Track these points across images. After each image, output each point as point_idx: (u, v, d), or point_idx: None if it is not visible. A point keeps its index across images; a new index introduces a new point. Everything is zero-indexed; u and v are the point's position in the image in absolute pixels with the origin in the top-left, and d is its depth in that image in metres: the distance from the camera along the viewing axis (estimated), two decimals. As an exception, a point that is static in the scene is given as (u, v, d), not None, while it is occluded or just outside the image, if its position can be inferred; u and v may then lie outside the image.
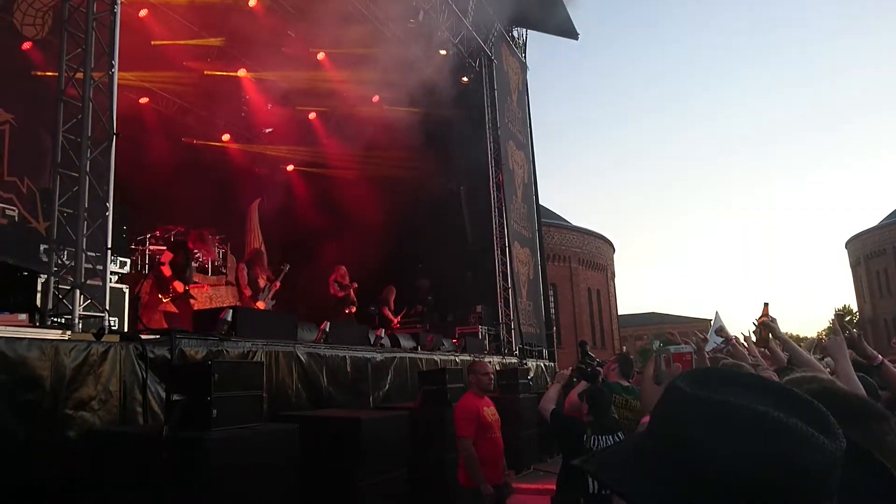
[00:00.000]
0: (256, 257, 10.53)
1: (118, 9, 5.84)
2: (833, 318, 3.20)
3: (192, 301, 9.17)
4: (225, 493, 3.98)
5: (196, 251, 9.33)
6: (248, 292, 9.72)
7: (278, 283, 10.24)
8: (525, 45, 17.70)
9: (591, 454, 0.77)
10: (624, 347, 43.65)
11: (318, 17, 10.74)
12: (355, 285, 11.65)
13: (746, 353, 3.57)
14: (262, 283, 10.03)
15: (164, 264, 8.44)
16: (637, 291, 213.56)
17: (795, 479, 0.65)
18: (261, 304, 9.61)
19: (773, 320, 3.48)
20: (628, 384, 4.89)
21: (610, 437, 4.08)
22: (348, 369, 7.42)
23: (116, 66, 5.75)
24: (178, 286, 8.58)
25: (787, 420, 0.67)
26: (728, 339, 4.00)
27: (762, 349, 3.85)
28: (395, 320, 12.33)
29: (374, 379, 7.87)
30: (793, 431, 0.67)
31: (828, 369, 2.77)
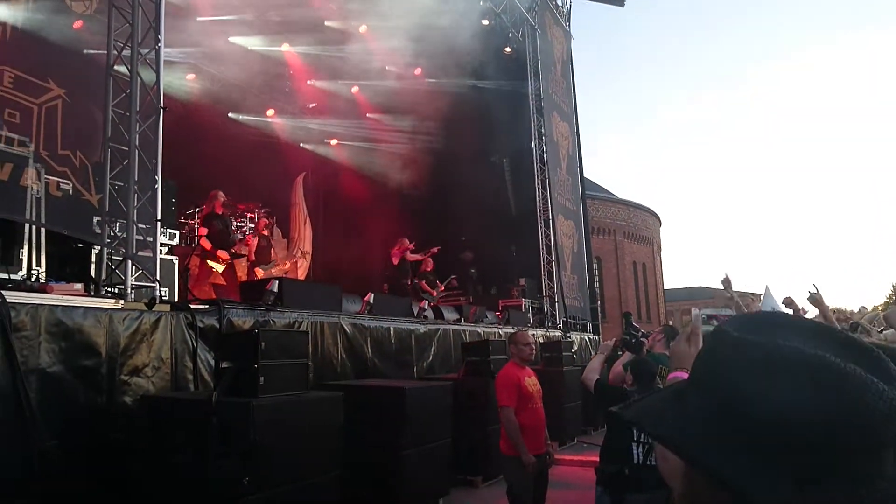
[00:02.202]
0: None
1: (163, -16, 5.91)
2: (894, 287, 3.09)
3: (244, 262, 9.52)
4: (272, 458, 4.09)
5: (225, 213, 9.56)
6: (252, 258, 10.11)
7: (287, 264, 10.53)
8: (569, 13, 17.30)
9: (628, 402, 0.73)
10: (670, 321, 42.93)
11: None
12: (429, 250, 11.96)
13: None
14: (272, 255, 10.43)
15: (202, 237, 8.67)
16: (685, 265, 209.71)
17: (852, 428, 0.61)
18: (259, 272, 9.80)
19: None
20: (674, 355, 4.80)
21: None
22: (392, 340, 7.50)
23: (163, 42, 5.84)
24: (223, 254, 8.79)
25: (844, 366, 0.62)
26: (796, 311, 3.93)
27: None
28: (441, 287, 12.39)
29: (417, 350, 7.95)
30: (850, 378, 0.62)
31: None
